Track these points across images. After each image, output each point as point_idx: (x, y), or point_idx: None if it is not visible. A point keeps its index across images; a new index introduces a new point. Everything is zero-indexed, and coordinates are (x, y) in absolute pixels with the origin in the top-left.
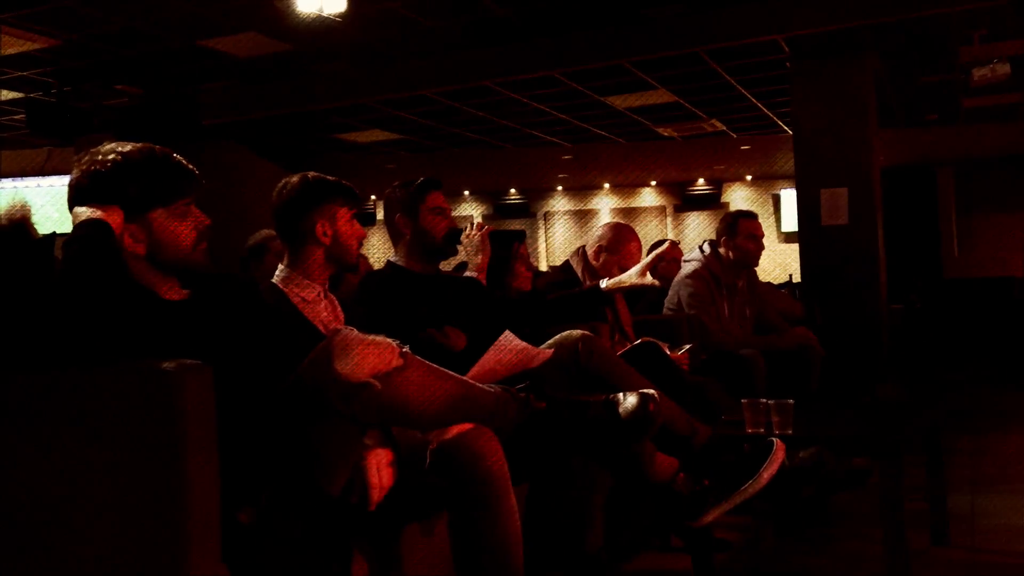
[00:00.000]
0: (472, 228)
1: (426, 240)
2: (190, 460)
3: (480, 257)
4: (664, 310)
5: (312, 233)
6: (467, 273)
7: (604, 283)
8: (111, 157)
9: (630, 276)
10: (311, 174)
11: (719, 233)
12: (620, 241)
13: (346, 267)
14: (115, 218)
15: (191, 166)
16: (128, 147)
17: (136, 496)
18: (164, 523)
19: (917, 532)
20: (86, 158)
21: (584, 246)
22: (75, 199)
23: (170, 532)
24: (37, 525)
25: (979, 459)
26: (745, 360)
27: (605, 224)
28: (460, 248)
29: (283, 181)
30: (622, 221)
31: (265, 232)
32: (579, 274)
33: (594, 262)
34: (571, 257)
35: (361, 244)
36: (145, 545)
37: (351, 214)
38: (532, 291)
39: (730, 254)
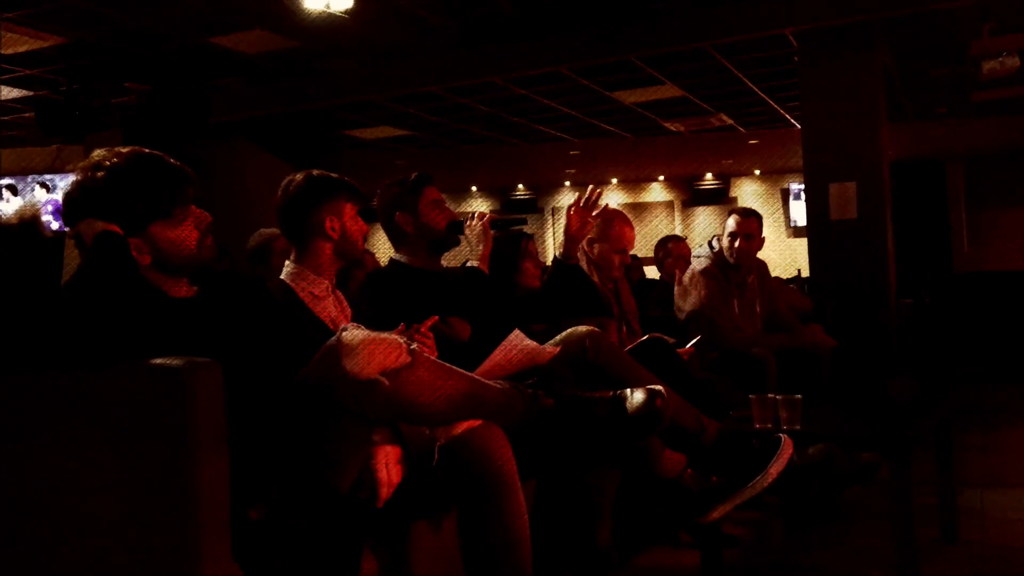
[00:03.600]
0: (474, 218)
1: (429, 234)
2: (200, 457)
3: (482, 247)
4: (675, 307)
5: (321, 228)
6: (470, 263)
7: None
8: (100, 174)
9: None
10: (315, 171)
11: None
12: (608, 227)
13: (353, 261)
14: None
15: (185, 167)
16: (116, 159)
17: (147, 493)
18: (175, 519)
19: (927, 527)
20: (80, 167)
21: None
22: (70, 214)
23: (181, 528)
24: (48, 523)
25: (989, 454)
26: (757, 360)
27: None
28: (463, 239)
29: (287, 179)
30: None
31: (266, 232)
32: (585, 268)
33: (591, 255)
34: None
35: (366, 239)
36: (156, 541)
37: (355, 210)
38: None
39: (726, 252)
